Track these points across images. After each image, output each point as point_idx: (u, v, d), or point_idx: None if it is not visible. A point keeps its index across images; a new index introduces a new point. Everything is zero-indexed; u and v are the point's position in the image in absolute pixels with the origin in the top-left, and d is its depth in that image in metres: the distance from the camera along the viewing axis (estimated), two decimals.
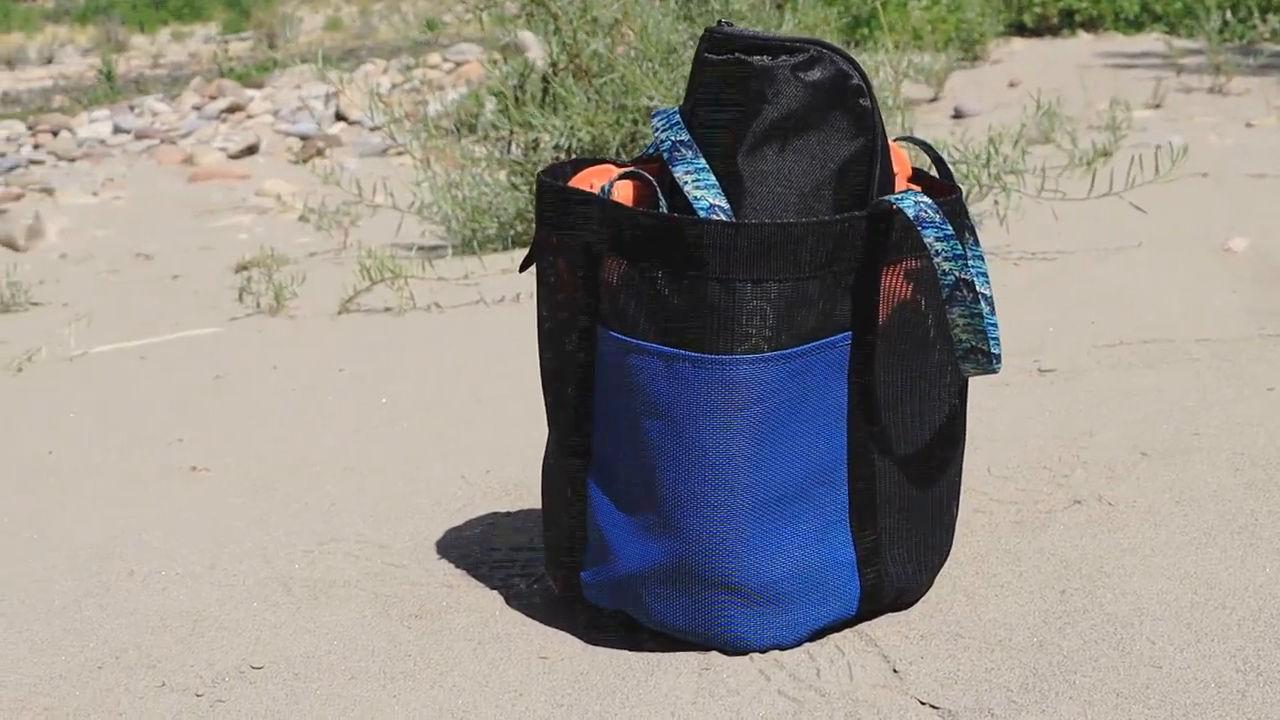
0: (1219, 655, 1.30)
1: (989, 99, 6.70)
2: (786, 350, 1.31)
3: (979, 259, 1.46)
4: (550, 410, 1.48)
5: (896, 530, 1.42)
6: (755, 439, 1.33)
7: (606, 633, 1.45)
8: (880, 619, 1.43)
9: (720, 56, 1.36)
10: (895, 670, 1.33)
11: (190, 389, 2.73)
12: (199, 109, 10.59)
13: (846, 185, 1.37)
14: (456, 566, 1.68)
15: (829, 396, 1.35)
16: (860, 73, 1.36)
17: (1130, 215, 3.35)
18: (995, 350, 1.38)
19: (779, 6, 4.01)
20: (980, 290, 1.43)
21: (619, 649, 1.42)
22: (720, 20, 1.43)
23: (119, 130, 9.70)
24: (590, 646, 1.43)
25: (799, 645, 1.39)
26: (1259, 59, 6.60)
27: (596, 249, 1.37)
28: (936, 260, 1.31)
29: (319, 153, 7.98)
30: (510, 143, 4.20)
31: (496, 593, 1.59)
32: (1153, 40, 8.53)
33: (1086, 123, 5.36)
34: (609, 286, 1.36)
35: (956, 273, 1.31)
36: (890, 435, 1.39)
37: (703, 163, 1.36)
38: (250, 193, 6.80)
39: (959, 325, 1.34)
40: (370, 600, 1.60)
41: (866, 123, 1.37)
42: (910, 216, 1.31)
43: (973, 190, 3.30)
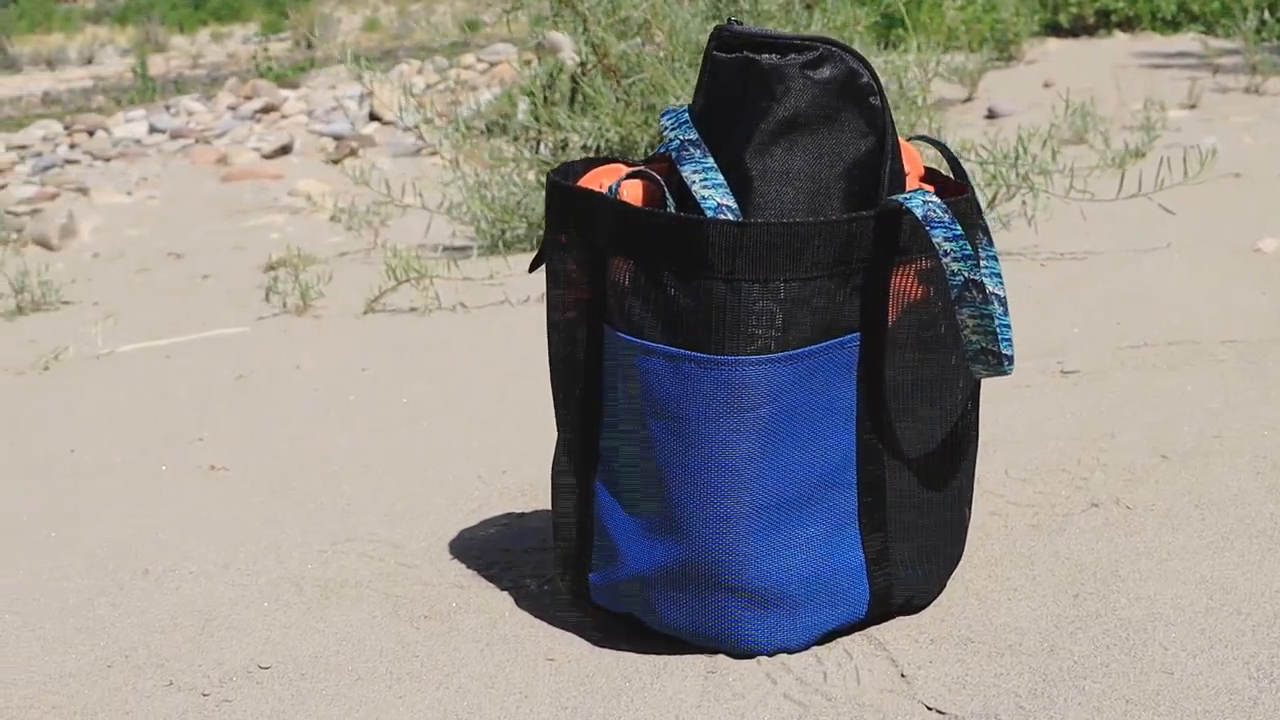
0: (1232, 661, 1.28)
1: (1023, 99, 6.66)
2: (793, 351, 1.30)
3: (993, 259, 1.44)
4: (558, 410, 1.47)
5: (906, 533, 1.40)
6: (762, 440, 1.31)
7: (614, 635, 1.44)
8: (890, 623, 1.42)
9: (729, 55, 1.35)
10: (903, 675, 1.31)
11: (213, 388, 2.74)
12: (234, 109, 10.64)
13: (856, 184, 1.35)
14: (468, 567, 1.67)
15: (837, 398, 1.33)
16: (870, 71, 1.34)
17: (1160, 216, 3.32)
18: (1007, 351, 1.37)
19: (808, 6, 3.99)
20: (993, 291, 1.41)
21: (626, 651, 1.41)
22: (730, 18, 1.41)
23: (154, 130, 9.75)
24: (597, 649, 1.42)
25: (807, 649, 1.37)
26: None
27: (604, 249, 1.36)
28: (945, 260, 1.29)
29: (352, 153, 8.00)
30: (539, 143, 4.20)
31: (507, 594, 1.58)
32: (1189, 40, 8.47)
33: (1120, 123, 5.32)
34: (616, 286, 1.35)
35: (966, 273, 1.29)
36: (900, 437, 1.37)
37: (710, 162, 1.35)
38: (283, 192, 6.81)
39: (968, 326, 1.32)
40: (381, 600, 1.60)
41: (876, 121, 1.35)
42: (918, 216, 1.29)
43: (1000, 191, 3.28)
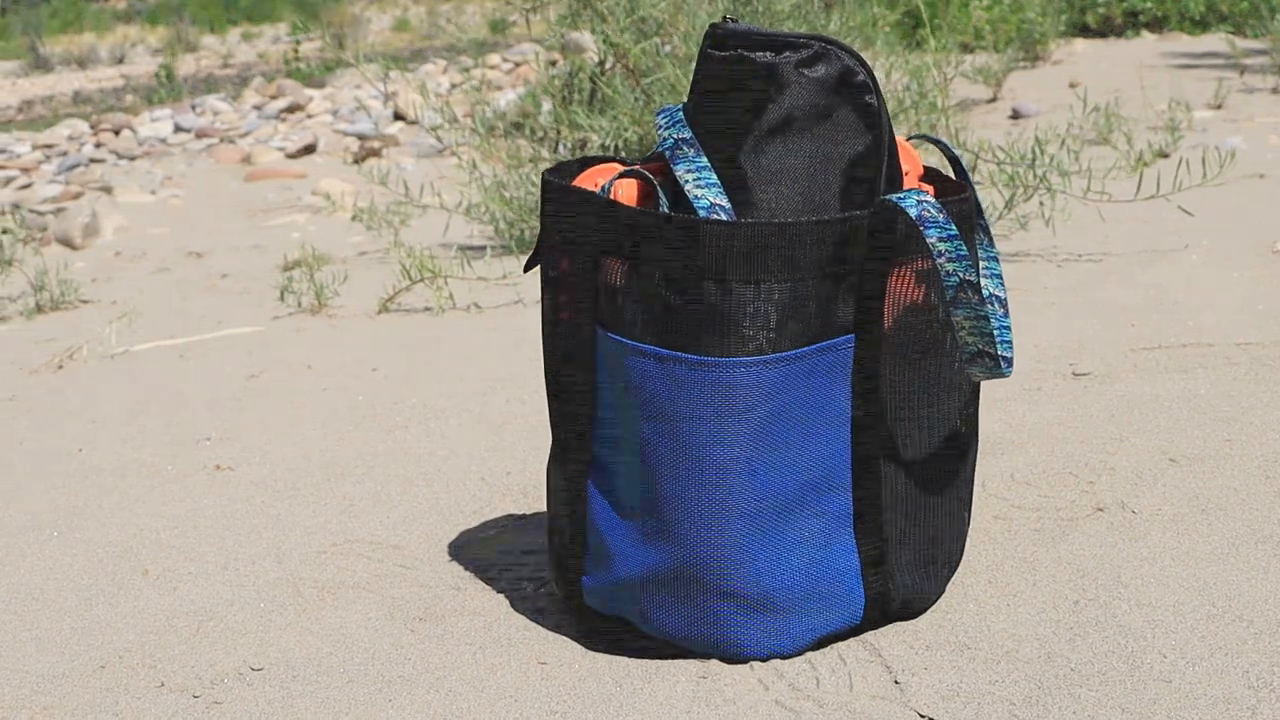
0: (1231, 670, 1.26)
1: (1048, 100, 6.61)
2: (785, 353, 1.28)
3: (994, 260, 1.43)
4: (552, 411, 1.45)
5: (903, 538, 1.38)
6: (754, 443, 1.29)
7: (607, 639, 1.43)
8: (887, 628, 1.40)
9: (723, 53, 1.33)
10: (896, 681, 1.29)
11: (224, 388, 2.73)
12: (259, 108, 10.65)
13: (852, 184, 1.33)
14: (467, 569, 1.66)
15: (831, 400, 1.31)
16: (866, 69, 1.32)
17: (1180, 217, 3.29)
18: (1006, 354, 1.35)
19: (827, 6, 3.97)
20: (993, 292, 1.40)
21: (618, 655, 1.39)
22: (725, 16, 1.40)
23: (180, 129, 9.76)
24: (590, 652, 1.41)
25: (801, 654, 1.35)
26: None
27: (596, 248, 1.34)
28: (939, 261, 1.27)
29: (376, 153, 7.99)
30: (558, 143, 4.19)
31: (503, 596, 1.57)
32: (1217, 41, 8.39)
33: (1145, 124, 5.28)
34: (608, 287, 1.34)
35: (961, 274, 1.27)
36: (897, 440, 1.35)
37: (704, 161, 1.33)
38: (306, 192, 6.81)
39: (964, 328, 1.30)
40: (377, 602, 1.58)
41: (873, 120, 1.33)
42: (912, 216, 1.27)
43: (1018, 192, 3.25)
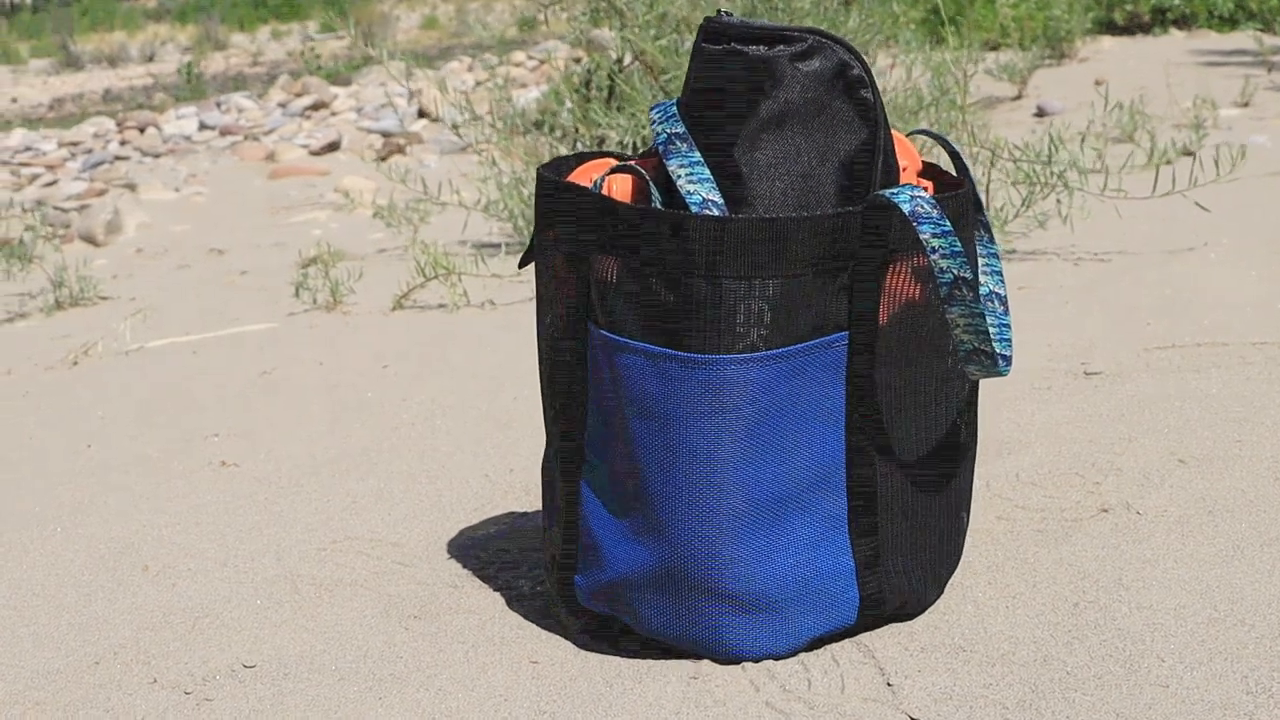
0: (1230, 675, 1.23)
1: (1073, 97, 6.56)
2: (778, 350, 1.26)
3: (994, 257, 1.41)
4: (546, 409, 1.44)
5: (899, 538, 1.36)
6: (746, 441, 1.28)
7: (600, 638, 1.41)
8: (882, 630, 1.38)
9: (716, 46, 1.31)
10: (889, 684, 1.27)
11: (236, 384, 2.73)
12: (284, 106, 10.68)
13: (848, 179, 1.31)
14: (464, 567, 1.65)
15: (824, 398, 1.30)
16: (862, 63, 1.30)
17: (1199, 215, 3.26)
18: (1004, 351, 1.33)
19: (846, 3, 3.94)
20: (993, 289, 1.38)
21: (610, 655, 1.38)
22: (719, 10, 1.38)
23: (204, 126, 9.80)
24: (582, 652, 1.40)
25: (794, 655, 1.34)
26: None
27: (589, 245, 1.33)
28: (933, 257, 1.25)
29: (400, 150, 8.00)
30: (577, 140, 4.17)
31: (499, 594, 1.56)
32: (1246, 38, 8.33)
33: (1171, 121, 5.24)
34: (600, 283, 1.32)
35: (955, 270, 1.25)
36: (893, 439, 1.34)
37: (697, 156, 1.31)
38: (329, 189, 6.83)
39: (959, 326, 1.28)
40: (374, 600, 1.58)
41: (868, 114, 1.32)
42: (905, 211, 1.25)
43: (1036, 189, 3.22)
